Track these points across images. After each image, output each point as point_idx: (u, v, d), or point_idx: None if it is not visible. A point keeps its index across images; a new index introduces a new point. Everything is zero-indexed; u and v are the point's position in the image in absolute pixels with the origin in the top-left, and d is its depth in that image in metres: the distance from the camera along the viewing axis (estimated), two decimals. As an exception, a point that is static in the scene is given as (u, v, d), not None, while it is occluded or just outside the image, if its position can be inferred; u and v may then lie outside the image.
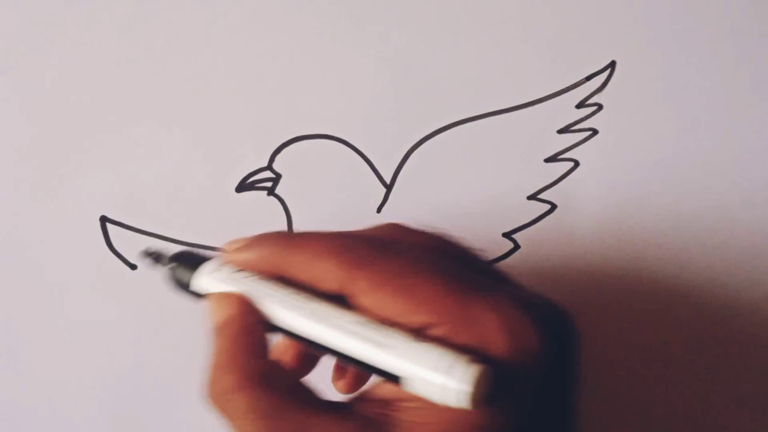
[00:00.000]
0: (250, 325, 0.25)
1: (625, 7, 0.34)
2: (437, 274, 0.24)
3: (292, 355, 0.28)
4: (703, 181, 0.36)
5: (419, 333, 0.23)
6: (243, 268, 0.26)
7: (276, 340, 0.27)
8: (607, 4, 0.34)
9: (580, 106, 0.35)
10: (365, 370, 0.23)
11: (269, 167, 0.36)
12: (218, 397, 0.24)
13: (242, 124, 0.35)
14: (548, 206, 0.36)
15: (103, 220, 0.36)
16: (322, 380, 0.27)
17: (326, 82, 0.35)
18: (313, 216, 0.36)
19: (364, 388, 0.26)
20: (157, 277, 0.36)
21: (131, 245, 0.36)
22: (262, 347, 0.25)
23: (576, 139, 0.36)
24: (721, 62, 0.35)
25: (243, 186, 0.36)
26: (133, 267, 0.36)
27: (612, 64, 0.35)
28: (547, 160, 0.36)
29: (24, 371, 0.37)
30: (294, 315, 0.24)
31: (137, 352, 0.37)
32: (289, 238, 0.26)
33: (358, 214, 0.36)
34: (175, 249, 0.29)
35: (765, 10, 0.35)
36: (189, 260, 0.28)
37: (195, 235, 0.36)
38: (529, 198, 0.36)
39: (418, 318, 0.23)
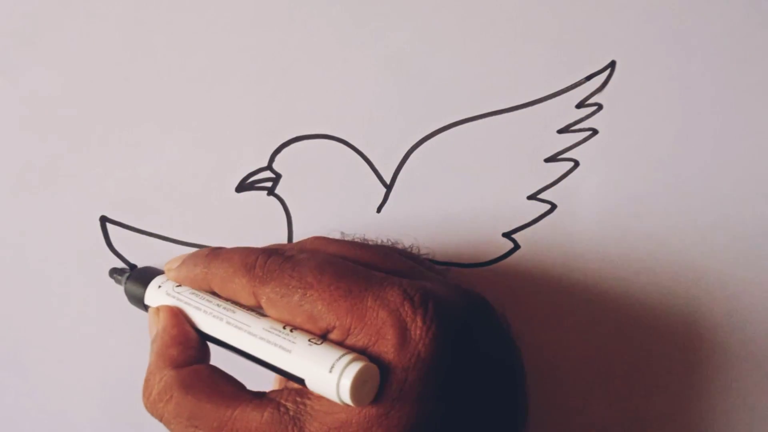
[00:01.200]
0: (177, 336, 0.28)
1: (625, 7, 0.34)
2: (326, 281, 0.25)
3: None
4: (703, 181, 0.36)
5: (322, 337, 0.25)
6: (180, 283, 0.30)
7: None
8: (607, 4, 0.34)
9: (580, 106, 0.35)
10: (277, 372, 0.26)
11: (269, 167, 0.36)
12: (151, 405, 0.27)
13: (242, 124, 0.35)
14: (548, 206, 0.36)
15: (103, 220, 0.36)
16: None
17: (326, 81, 0.35)
18: (313, 216, 0.36)
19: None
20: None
21: (131, 245, 0.36)
22: (188, 355, 0.28)
23: (576, 139, 0.36)
24: (721, 62, 0.35)
25: (243, 186, 0.36)
26: (133, 267, 0.36)
27: (612, 64, 0.35)
28: (547, 160, 0.36)
29: (24, 371, 0.37)
30: (216, 324, 0.27)
31: (137, 352, 0.37)
32: (212, 256, 0.28)
33: (358, 214, 0.36)
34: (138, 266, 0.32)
35: (765, 10, 0.35)
36: (141, 277, 0.31)
37: (195, 235, 0.36)
38: (529, 198, 0.36)
39: (321, 323, 0.25)
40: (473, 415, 0.26)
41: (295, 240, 0.36)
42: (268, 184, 0.36)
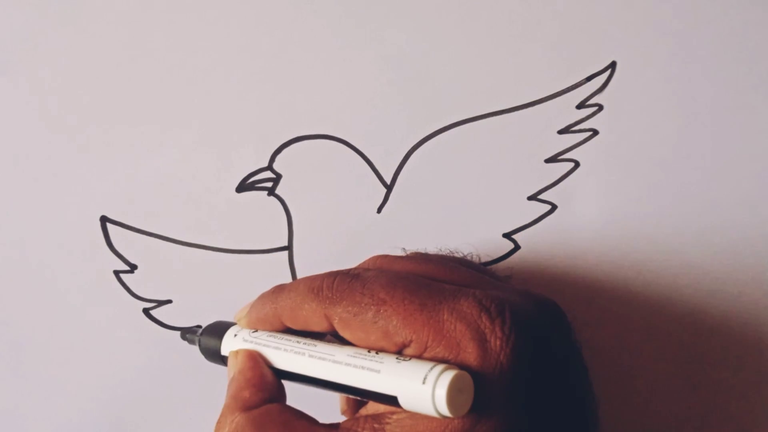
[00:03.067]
0: (251, 378, 0.28)
1: (625, 7, 0.34)
2: (399, 294, 0.25)
3: None
4: (703, 181, 0.36)
5: (400, 353, 0.25)
6: (254, 328, 0.30)
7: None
8: (607, 4, 0.34)
9: (580, 106, 0.35)
10: (366, 397, 0.25)
11: (269, 167, 0.36)
12: None
13: (242, 124, 0.35)
14: (548, 207, 0.36)
15: (103, 220, 0.36)
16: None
17: (327, 82, 0.35)
18: (314, 216, 0.36)
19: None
20: (157, 276, 0.37)
21: (131, 245, 0.36)
22: (262, 397, 0.28)
23: (576, 139, 0.36)
24: (721, 62, 0.35)
25: (243, 186, 0.36)
26: (134, 267, 0.36)
27: (612, 65, 0.35)
28: (548, 161, 0.36)
29: (23, 371, 0.37)
30: (298, 360, 0.27)
31: (137, 352, 0.37)
32: (278, 291, 0.29)
33: (358, 214, 0.36)
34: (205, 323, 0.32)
35: (765, 10, 0.35)
36: (214, 331, 0.31)
37: (195, 235, 0.36)
38: (530, 198, 0.36)
39: (397, 339, 0.25)
40: (553, 422, 0.25)
41: (295, 241, 0.36)
42: (269, 185, 0.36)
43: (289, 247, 0.36)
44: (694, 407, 0.38)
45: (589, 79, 0.35)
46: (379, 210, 0.36)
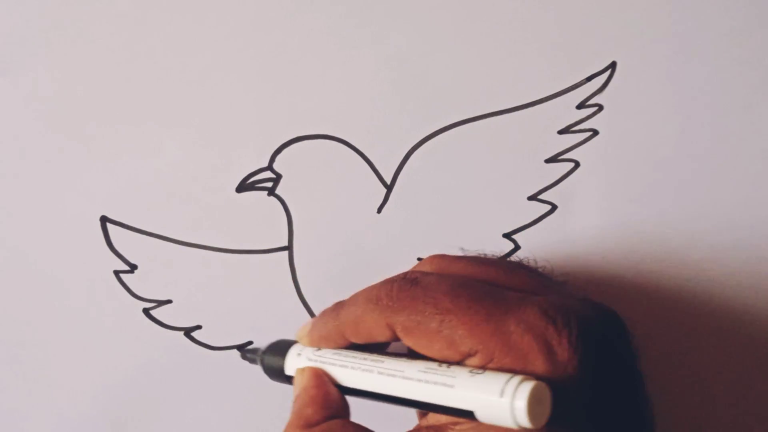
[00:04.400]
0: (315, 396, 0.28)
1: (625, 7, 0.34)
2: (464, 303, 0.25)
3: None
4: (703, 181, 0.36)
5: (458, 363, 0.25)
6: (318, 346, 0.30)
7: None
8: (608, 4, 0.34)
9: (580, 106, 0.35)
10: (439, 412, 0.25)
11: (270, 167, 0.36)
12: None
13: (242, 124, 0.35)
14: (549, 207, 0.36)
15: (103, 220, 0.36)
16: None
17: (327, 82, 0.35)
18: (314, 216, 0.36)
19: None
20: (157, 276, 0.37)
21: (131, 245, 0.36)
22: (325, 415, 0.27)
23: (576, 139, 0.36)
24: (721, 62, 0.35)
25: (243, 186, 0.36)
26: (134, 267, 0.36)
27: (613, 65, 0.35)
28: (548, 161, 0.36)
29: (23, 371, 0.37)
30: (366, 377, 0.27)
31: (137, 352, 0.37)
32: (338, 306, 0.29)
33: (358, 214, 0.36)
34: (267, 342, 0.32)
35: (765, 10, 0.35)
36: (277, 350, 0.31)
37: (195, 235, 0.36)
38: (530, 198, 0.36)
39: (462, 348, 0.24)
40: (617, 430, 0.25)
41: (295, 241, 0.36)
42: (269, 185, 0.36)
43: (289, 247, 0.36)
44: (695, 408, 0.38)
45: (589, 79, 0.35)
46: (379, 210, 0.36)
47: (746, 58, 0.35)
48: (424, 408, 0.25)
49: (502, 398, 0.22)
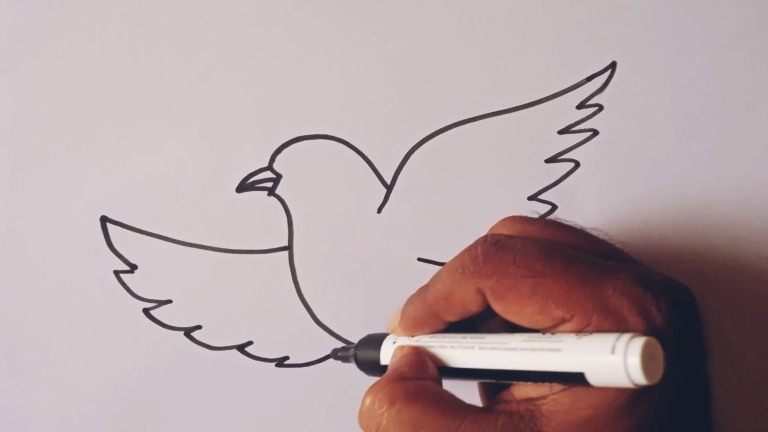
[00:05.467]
0: (414, 361, 0.27)
1: (625, 7, 0.34)
2: (559, 267, 0.24)
3: None
4: (703, 181, 0.36)
5: (554, 329, 0.24)
6: (412, 333, 0.29)
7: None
8: (608, 4, 0.34)
9: (580, 106, 0.35)
10: (544, 380, 0.24)
11: (269, 167, 0.36)
12: (368, 413, 0.26)
13: (242, 124, 0.35)
14: (549, 207, 0.36)
15: (103, 220, 0.36)
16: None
17: (327, 82, 0.35)
18: (314, 216, 0.36)
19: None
20: (157, 276, 0.37)
21: (131, 245, 0.36)
22: (421, 373, 0.27)
23: (576, 139, 0.36)
24: (721, 62, 0.35)
25: (243, 186, 0.36)
26: (134, 267, 0.36)
27: (613, 65, 0.35)
28: (548, 161, 0.36)
29: (24, 371, 0.37)
30: (468, 354, 0.26)
31: (137, 352, 0.37)
32: (423, 288, 0.28)
33: (358, 214, 0.36)
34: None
35: (765, 10, 0.35)
36: (370, 343, 0.31)
37: (195, 235, 0.36)
38: (530, 198, 0.36)
39: (556, 313, 0.24)
40: (693, 398, 0.25)
41: (295, 241, 0.36)
42: (269, 185, 0.36)
43: (289, 247, 0.36)
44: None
45: (589, 79, 0.35)
46: (379, 210, 0.36)
47: (746, 58, 0.35)
48: (529, 379, 0.25)
49: (614, 355, 0.22)
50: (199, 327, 0.37)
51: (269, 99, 0.35)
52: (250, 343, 0.37)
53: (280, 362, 0.37)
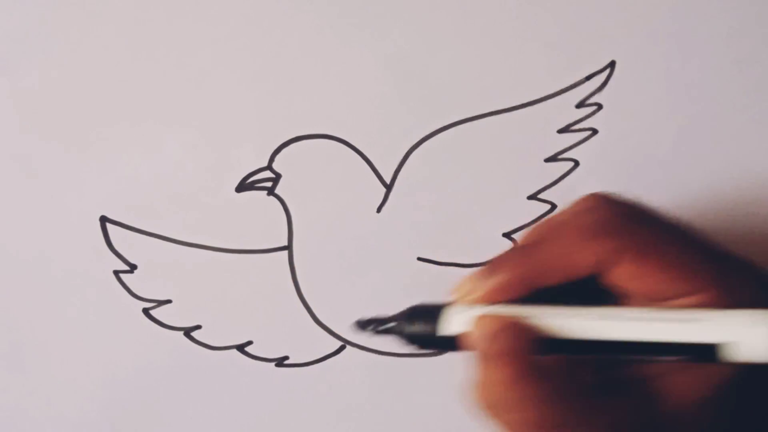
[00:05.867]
0: (519, 331, 0.25)
1: (625, 7, 0.34)
2: (689, 243, 0.24)
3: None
4: (703, 181, 0.36)
5: (671, 301, 0.24)
6: (493, 301, 0.26)
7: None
8: (607, 4, 0.34)
9: (579, 105, 0.35)
10: (670, 353, 0.23)
11: (269, 167, 0.36)
12: (489, 390, 0.25)
13: (242, 124, 0.35)
14: (548, 206, 0.36)
15: (103, 220, 0.36)
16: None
17: (326, 81, 0.35)
18: (313, 216, 0.36)
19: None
20: (157, 276, 0.37)
21: (131, 245, 0.36)
22: (531, 348, 0.25)
23: (576, 138, 0.36)
24: (721, 62, 0.35)
25: (243, 186, 0.36)
26: (133, 267, 0.36)
27: (612, 64, 0.35)
28: (547, 160, 0.36)
29: (24, 371, 0.37)
30: (579, 325, 0.24)
31: (137, 352, 0.37)
32: (524, 251, 0.26)
33: (358, 213, 0.36)
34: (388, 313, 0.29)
35: (765, 10, 0.35)
36: (423, 315, 0.28)
37: (195, 235, 0.36)
38: (529, 198, 0.36)
39: (681, 285, 0.24)
40: None
41: (295, 240, 0.36)
42: (268, 184, 0.36)
43: (288, 247, 0.36)
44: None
45: (588, 78, 0.35)
46: (379, 209, 0.36)
47: (745, 57, 0.35)
48: (650, 353, 0.24)
49: (759, 328, 0.22)
50: (198, 327, 0.37)
51: (268, 98, 0.35)
52: (249, 342, 0.37)
53: (280, 362, 0.37)
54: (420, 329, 0.27)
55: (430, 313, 0.27)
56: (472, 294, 0.26)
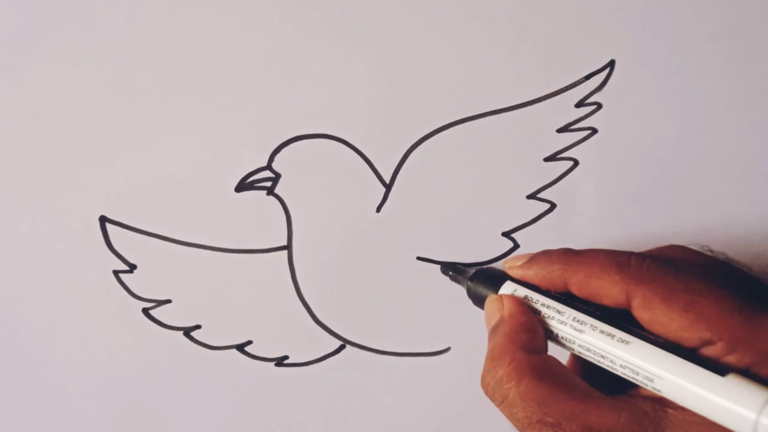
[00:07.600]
0: (526, 323, 0.28)
1: (624, 6, 0.34)
2: (717, 293, 0.25)
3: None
4: (703, 181, 0.36)
5: (694, 350, 0.25)
6: (531, 281, 0.30)
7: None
8: (607, 4, 0.34)
9: (579, 105, 0.35)
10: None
11: (269, 167, 0.36)
12: (495, 385, 0.27)
13: (242, 124, 0.35)
14: (548, 205, 0.36)
15: (103, 220, 0.36)
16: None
17: (325, 81, 0.35)
18: (313, 216, 0.36)
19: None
20: (157, 276, 0.37)
21: (131, 245, 0.36)
22: (537, 344, 0.28)
23: (575, 138, 0.36)
24: (721, 62, 0.35)
25: (242, 186, 0.36)
26: (133, 267, 0.36)
27: (611, 63, 0.35)
28: (547, 159, 0.36)
29: (24, 371, 0.37)
30: (582, 330, 0.27)
31: (137, 352, 0.37)
32: (572, 254, 0.29)
33: (358, 213, 0.36)
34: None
35: (765, 10, 0.35)
36: (487, 279, 0.33)
37: (194, 235, 0.36)
38: (529, 197, 0.36)
39: (696, 334, 0.25)
40: None
41: (294, 240, 0.36)
42: (268, 184, 0.36)
43: (288, 247, 0.36)
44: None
45: (587, 77, 0.35)
46: (379, 209, 0.36)
47: (745, 57, 0.35)
48: (652, 383, 0.25)
49: (752, 414, 0.22)
50: (198, 327, 0.37)
51: (268, 98, 0.35)
52: (249, 342, 0.37)
53: (280, 361, 0.37)
54: (480, 293, 0.33)
55: (493, 280, 0.32)
56: (519, 270, 0.30)
